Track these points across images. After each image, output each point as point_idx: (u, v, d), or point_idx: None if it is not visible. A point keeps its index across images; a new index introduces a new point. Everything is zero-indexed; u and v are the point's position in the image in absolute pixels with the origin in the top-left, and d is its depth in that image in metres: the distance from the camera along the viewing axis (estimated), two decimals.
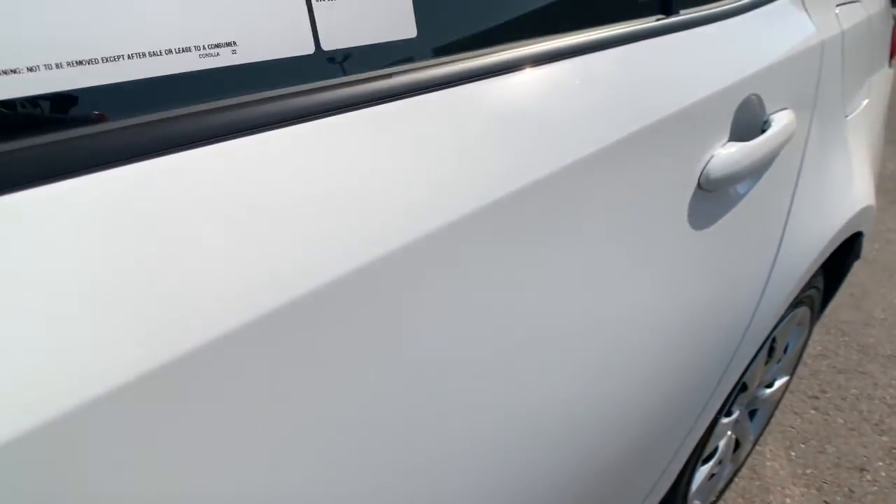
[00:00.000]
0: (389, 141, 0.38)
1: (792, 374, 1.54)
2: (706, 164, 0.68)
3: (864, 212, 1.18)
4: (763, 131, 0.79)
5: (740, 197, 0.77)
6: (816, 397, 1.90)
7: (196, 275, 0.29)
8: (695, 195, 0.68)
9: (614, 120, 0.57)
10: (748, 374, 1.18)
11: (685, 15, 0.71)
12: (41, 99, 0.27)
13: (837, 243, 1.11)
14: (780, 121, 0.80)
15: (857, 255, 1.37)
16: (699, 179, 0.67)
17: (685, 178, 0.66)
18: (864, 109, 1.18)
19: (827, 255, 1.08)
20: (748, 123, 0.78)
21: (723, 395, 1.00)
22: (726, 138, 0.72)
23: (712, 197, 0.71)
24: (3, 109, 0.27)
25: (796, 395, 1.91)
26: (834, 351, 2.09)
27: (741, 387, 1.21)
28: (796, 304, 1.27)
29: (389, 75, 0.40)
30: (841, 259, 1.39)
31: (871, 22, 1.19)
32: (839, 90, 1.02)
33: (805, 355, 2.06)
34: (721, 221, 0.74)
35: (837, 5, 1.04)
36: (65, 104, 0.28)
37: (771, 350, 1.29)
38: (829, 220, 1.03)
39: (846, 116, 1.07)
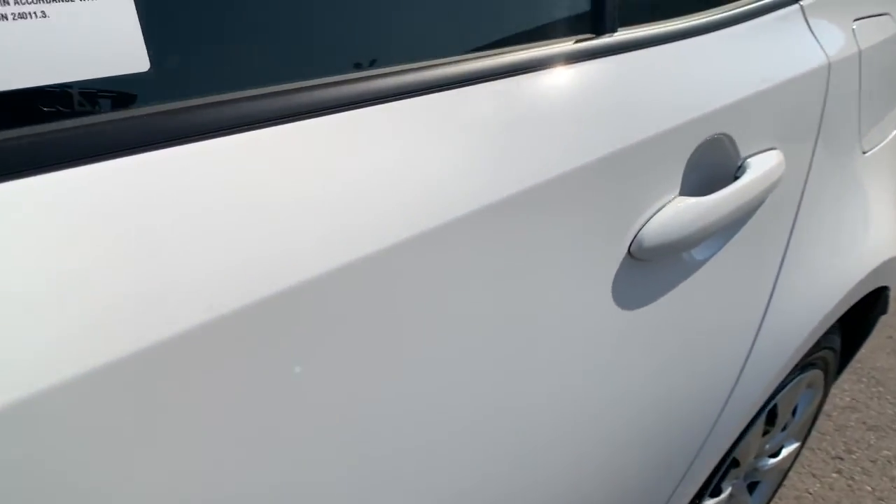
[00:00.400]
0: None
1: (803, 441, 1.34)
2: (640, 229, 0.52)
3: (891, 264, 0.99)
4: (737, 178, 0.62)
5: (702, 261, 0.61)
6: (840, 458, 1.68)
7: (164, 270, 0.30)
8: (625, 265, 0.52)
9: (504, 173, 0.42)
10: (739, 448, 1.00)
11: (624, 34, 0.55)
12: None
13: (852, 301, 0.93)
14: (761, 165, 0.63)
15: (883, 310, 1.17)
16: (629, 248, 0.52)
17: (610, 246, 0.51)
18: (892, 142, 0.99)
19: (838, 314, 0.90)
20: (713, 171, 0.62)
21: (699, 478, 0.85)
22: (675, 192, 0.56)
23: (654, 265, 0.55)
24: None
25: (817, 453, 1.70)
26: (865, 403, 1.87)
27: (732, 462, 1.04)
28: (804, 367, 1.09)
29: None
30: (864, 312, 1.19)
31: None
32: (854, 121, 0.84)
33: (830, 407, 1.84)
34: (677, 290, 0.59)
35: (856, 19, 0.86)
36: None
37: (772, 418, 1.10)
38: (839, 276, 0.85)
39: (864, 153, 0.89)
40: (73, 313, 0.27)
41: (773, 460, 1.24)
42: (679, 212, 0.54)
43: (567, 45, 0.51)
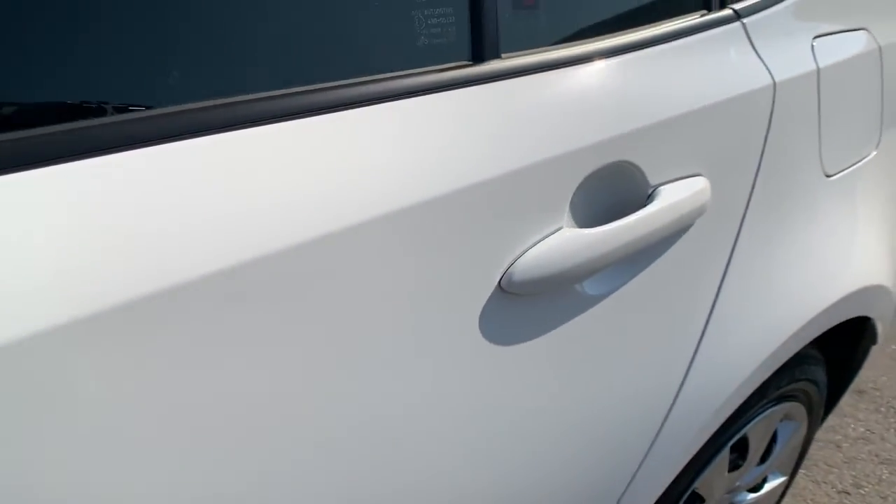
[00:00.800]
0: None
1: (792, 475, 1.27)
2: (513, 262, 0.50)
3: (866, 293, 0.93)
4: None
5: (599, 295, 0.58)
6: (847, 493, 1.59)
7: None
8: (496, 300, 0.50)
9: (363, 198, 0.42)
10: (700, 483, 0.95)
11: (509, 61, 0.53)
12: None
13: (815, 334, 0.87)
14: (674, 193, 0.60)
15: (872, 340, 1.10)
16: (500, 281, 0.50)
17: (479, 278, 0.49)
18: (870, 164, 0.93)
19: (796, 349, 0.85)
20: (620, 200, 0.59)
21: None
22: (560, 224, 0.53)
23: (537, 299, 0.53)
24: None
25: (822, 487, 1.61)
26: (880, 435, 1.76)
27: (693, 497, 0.99)
28: (780, 398, 1.03)
29: None
30: (854, 343, 1.13)
31: (890, 54, 0.93)
32: (812, 143, 0.79)
33: (840, 437, 1.75)
34: (569, 326, 0.56)
35: (817, 36, 0.81)
36: None
37: (743, 452, 1.05)
38: (792, 309, 0.80)
39: (829, 176, 0.84)
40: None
41: (752, 495, 1.18)
42: (559, 244, 0.52)
43: (443, 73, 0.50)
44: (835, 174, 0.85)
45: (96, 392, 0.33)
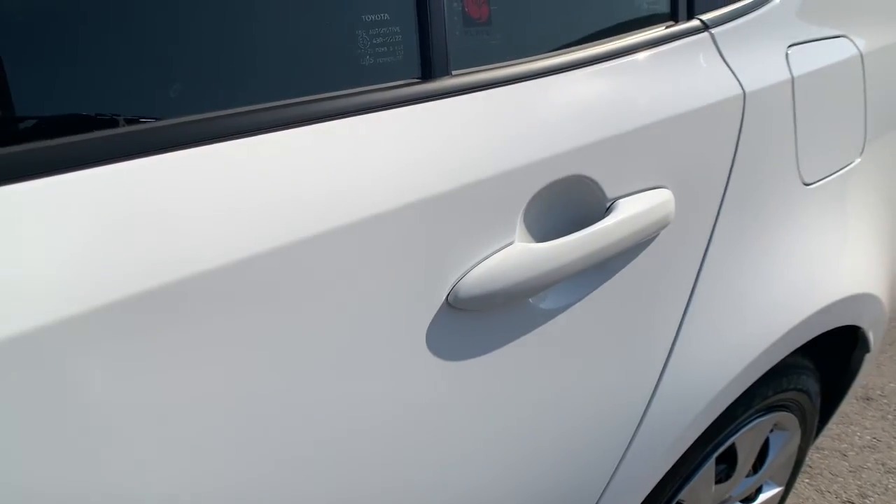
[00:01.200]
0: None
1: (788, 486, 1.25)
2: (460, 278, 0.51)
3: (853, 302, 0.92)
4: None
5: (555, 310, 0.58)
6: (852, 502, 1.56)
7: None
8: (444, 316, 0.51)
9: (314, 212, 0.43)
10: (684, 493, 0.95)
11: (459, 78, 0.54)
12: None
13: (797, 344, 0.86)
14: (633, 205, 0.60)
15: (865, 349, 1.09)
16: (447, 297, 0.50)
17: (426, 294, 0.50)
18: (854, 172, 0.92)
19: (776, 359, 0.84)
20: (578, 214, 0.59)
21: None
22: (512, 238, 0.54)
23: (488, 315, 0.53)
24: None
25: (826, 496, 1.58)
26: (887, 443, 1.73)
27: None
28: (768, 408, 1.02)
29: None
30: (848, 352, 1.11)
31: (872, 60, 0.92)
32: (788, 152, 0.79)
33: (847, 446, 1.71)
34: (523, 341, 0.56)
35: (792, 45, 0.80)
36: None
37: (732, 462, 1.04)
38: (769, 319, 0.79)
39: (807, 184, 0.83)
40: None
41: None
42: (509, 259, 0.52)
43: (391, 91, 0.51)
44: (814, 182, 0.84)
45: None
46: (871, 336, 1.05)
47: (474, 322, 0.53)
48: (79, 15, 0.38)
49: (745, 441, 1.01)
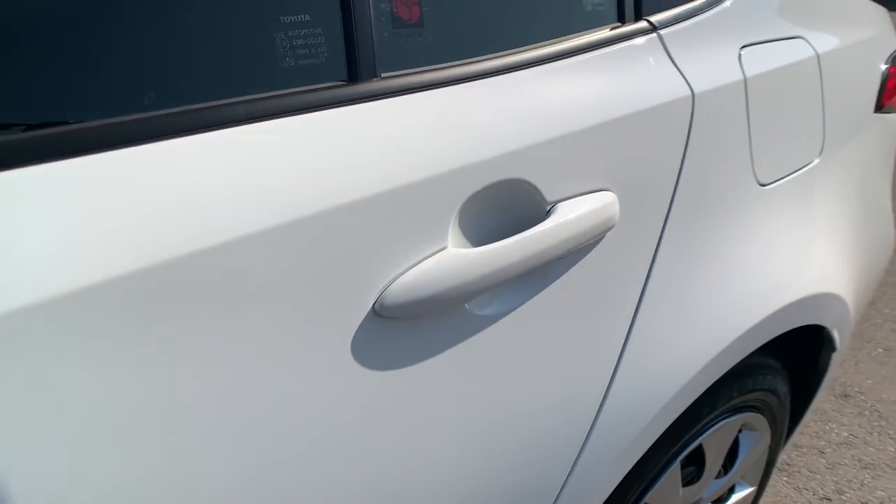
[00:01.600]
0: None
1: (760, 486, 1.25)
2: (387, 285, 0.50)
3: (814, 302, 0.91)
4: None
5: (493, 316, 0.57)
6: (829, 499, 1.56)
7: None
8: (370, 325, 0.49)
9: (229, 219, 0.42)
10: (650, 495, 0.94)
11: (387, 81, 0.53)
12: None
13: (757, 344, 0.86)
14: (573, 209, 0.59)
15: (832, 348, 1.08)
16: (374, 305, 0.49)
17: (351, 303, 0.48)
18: (813, 172, 0.91)
19: (735, 360, 0.84)
20: (517, 218, 0.58)
21: None
22: (444, 244, 0.53)
23: (419, 324, 0.52)
24: None
25: (803, 493, 1.58)
26: (864, 439, 1.73)
27: None
28: (735, 409, 1.01)
29: None
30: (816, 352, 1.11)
31: (829, 61, 0.92)
32: (743, 153, 0.78)
33: (824, 443, 1.72)
34: (459, 349, 0.55)
35: (745, 46, 0.80)
36: None
37: (701, 464, 1.03)
38: (724, 320, 0.78)
39: (763, 185, 0.82)
40: None
41: None
42: (439, 265, 0.51)
43: (315, 93, 0.49)
44: (771, 183, 0.83)
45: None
46: (836, 335, 1.05)
47: (404, 330, 0.51)
48: None
49: (713, 442, 1.00)
